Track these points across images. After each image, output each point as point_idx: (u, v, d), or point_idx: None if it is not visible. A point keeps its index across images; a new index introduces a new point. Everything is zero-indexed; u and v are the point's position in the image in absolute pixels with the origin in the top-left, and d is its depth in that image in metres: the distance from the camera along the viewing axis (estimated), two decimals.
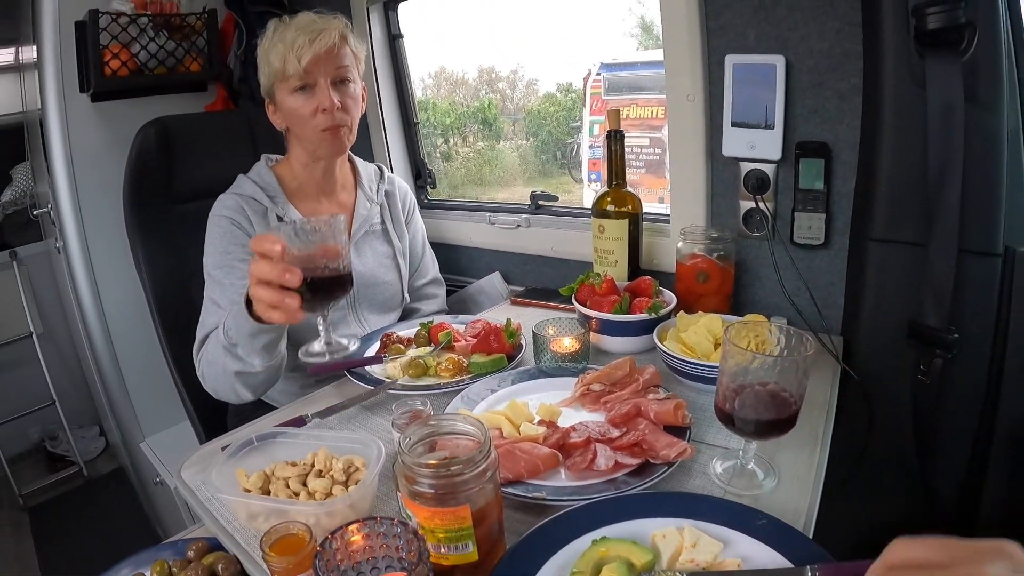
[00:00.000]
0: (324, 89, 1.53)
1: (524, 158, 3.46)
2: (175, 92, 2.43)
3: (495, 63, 3.28)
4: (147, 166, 1.93)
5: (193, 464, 1.14)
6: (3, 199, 4.41)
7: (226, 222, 1.58)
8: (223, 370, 1.36)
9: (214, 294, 1.52)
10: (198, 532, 1.08)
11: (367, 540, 0.73)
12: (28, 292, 3.80)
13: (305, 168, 1.68)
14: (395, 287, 1.81)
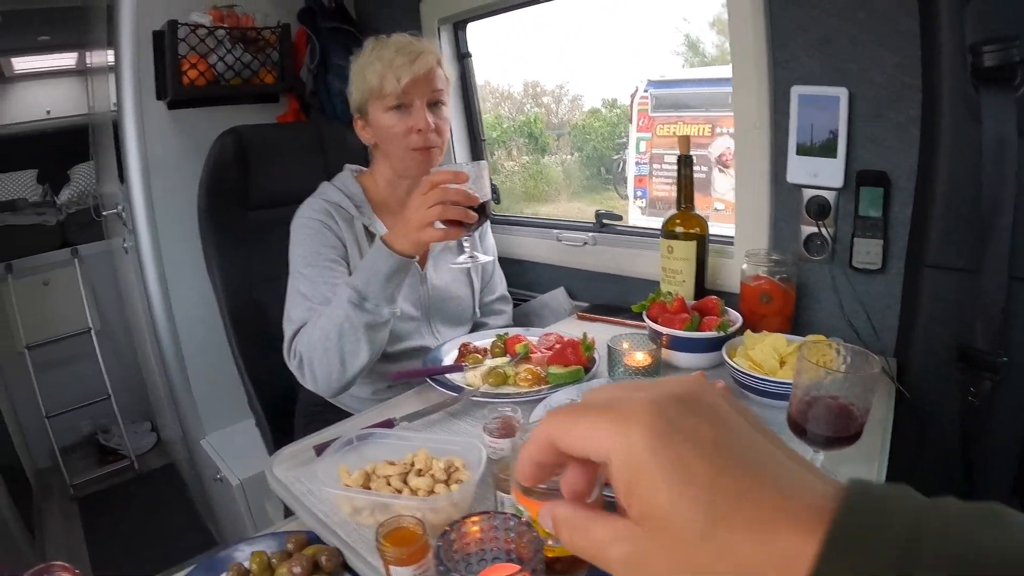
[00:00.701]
0: (420, 110, 1.58)
1: (568, 173, 3.48)
2: (248, 103, 2.51)
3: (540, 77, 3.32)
4: (224, 173, 2.00)
5: (283, 461, 1.19)
6: (61, 199, 4.54)
7: (317, 224, 1.63)
8: (344, 332, 1.42)
9: (303, 289, 1.57)
10: (291, 526, 1.13)
11: (484, 532, 0.79)
12: (88, 289, 3.91)
13: (389, 184, 1.73)
14: (467, 302, 1.86)
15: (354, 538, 0.96)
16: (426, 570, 0.84)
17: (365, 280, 1.41)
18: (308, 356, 1.49)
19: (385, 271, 1.40)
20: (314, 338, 1.47)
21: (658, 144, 3.59)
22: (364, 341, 1.44)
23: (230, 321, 2.00)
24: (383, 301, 1.43)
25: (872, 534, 0.32)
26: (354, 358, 1.45)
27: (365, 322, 1.42)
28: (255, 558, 0.97)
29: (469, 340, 1.63)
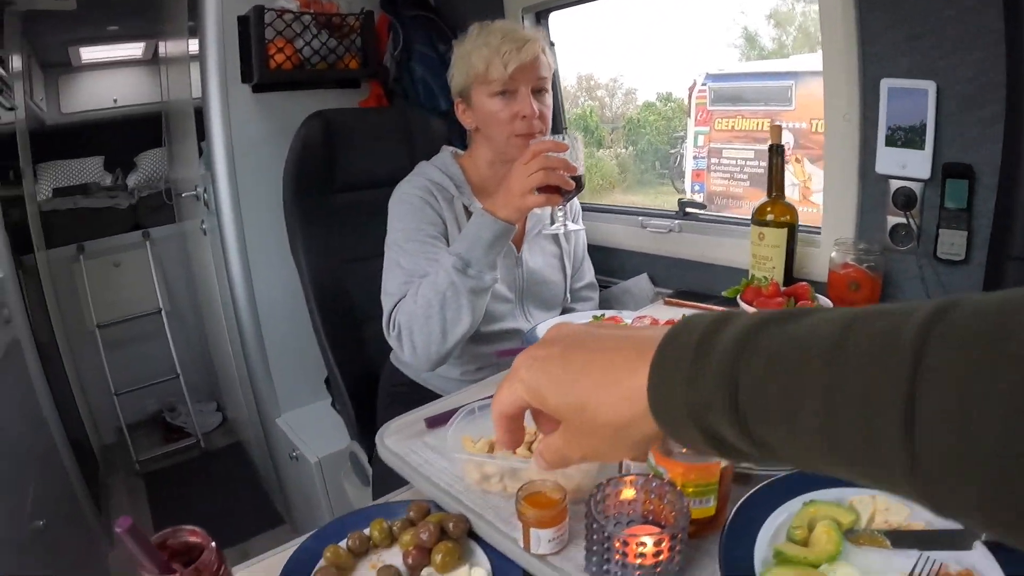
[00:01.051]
0: (526, 97, 1.59)
1: (623, 166, 3.47)
2: (330, 87, 2.54)
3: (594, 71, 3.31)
4: (311, 155, 2.04)
5: (392, 434, 1.21)
6: (130, 184, 4.65)
7: (420, 201, 1.65)
8: (447, 300, 1.46)
9: (403, 262, 1.59)
10: (403, 496, 1.16)
11: (635, 493, 0.81)
12: (159, 271, 4.00)
13: (490, 167, 1.74)
14: (559, 288, 1.87)
15: (480, 506, 0.98)
16: (563, 534, 0.86)
17: (468, 247, 1.45)
18: (408, 326, 1.51)
19: (488, 237, 1.44)
20: (416, 307, 1.49)
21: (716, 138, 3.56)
22: (466, 308, 1.47)
23: (315, 301, 2.03)
24: (485, 267, 1.47)
25: (681, 336, 0.47)
26: (455, 326, 1.48)
27: (469, 287, 1.45)
28: (375, 526, 0.99)
29: (567, 320, 1.65)
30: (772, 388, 0.42)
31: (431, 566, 0.91)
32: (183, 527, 0.77)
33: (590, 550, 0.79)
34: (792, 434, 0.41)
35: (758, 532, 0.84)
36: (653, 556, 0.74)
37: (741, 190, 3.36)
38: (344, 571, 0.94)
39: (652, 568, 0.75)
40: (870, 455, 0.38)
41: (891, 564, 0.78)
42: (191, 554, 0.76)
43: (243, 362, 2.63)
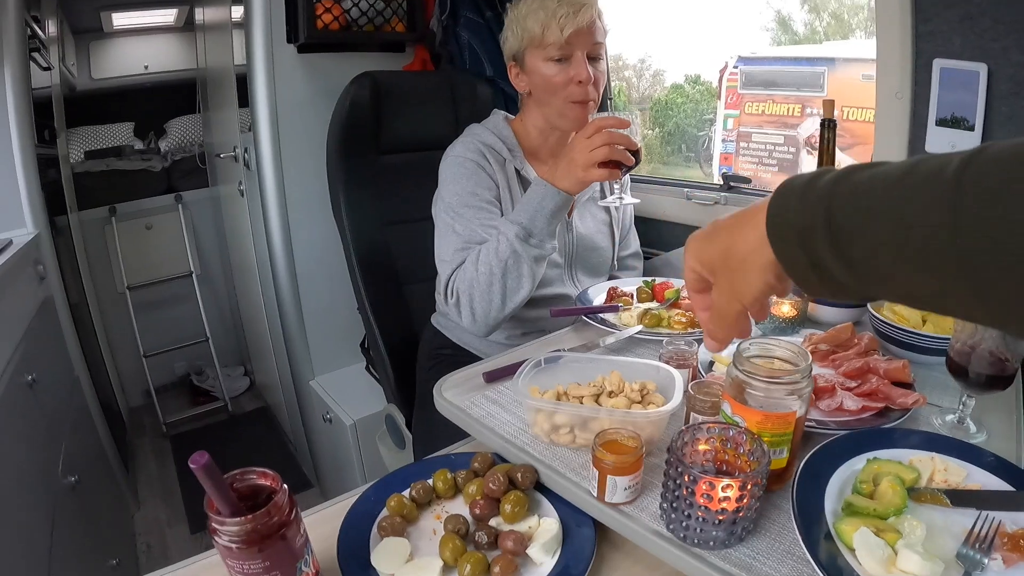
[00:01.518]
0: (581, 62, 1.56)
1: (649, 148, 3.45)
2: (375, 51, 2.54)
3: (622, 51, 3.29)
4: (358, 114, 2.03)
5: (451, 387, 1.20)
6: (162, 149, 4.67)
7: (473, 165, 1.64)
8: (508, 268, 1.47)
9: (459, 229, 1.58)
10: (463, 449, 1.16)
11: (711, 441, 0.81)
12: (190, 234, 4.03)
13: (541, 132, 1.73)
14: (607, 254, 1.86)
15: (548, 456, 0.98)
16: (638, 483, 0.86)
17: (531, 216, 1.46)
18: (468, 293, 1.52)
19: (551, 207, 1.45)
20: (477, 275, 1.49)
21: (746, 122, 3.54)
22: (527, 276, 1.48)
23: (356, 263, 2.04)
24: (547, 236, 1.49)
25: (792, 182, 0.60)
26: (516, 293, 1.49)
27: (532, 256, 1.47)
28: (439, 476, 0.99)
29: (616, 285, 1.65)
30: (859, 208, 0.54)
31: (499, 516, 0.91)
32: (252, 468, 0.77)
33: (671, 496, 0.79)
34: (874, 248, 0.53)
35: (826, 486, 0.85)
36: (736, 501, 0.74)
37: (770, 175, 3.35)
38: (408, 521, 0.94)
39: (734, 514, 0.75)
40: (929, 260, 0.49)
41: (952, 521, 0.80)
42: (256, 499, 0.75)
43: (278, 324, 2.64)
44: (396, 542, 0.88)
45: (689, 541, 0.79)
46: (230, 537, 0.70)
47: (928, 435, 0.98)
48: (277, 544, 0.72)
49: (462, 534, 0.88)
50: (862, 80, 3.07)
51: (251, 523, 0.70)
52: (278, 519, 0.72)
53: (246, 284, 3.25)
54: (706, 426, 0.83)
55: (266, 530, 0.71)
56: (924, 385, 1.17)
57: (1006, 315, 0.47)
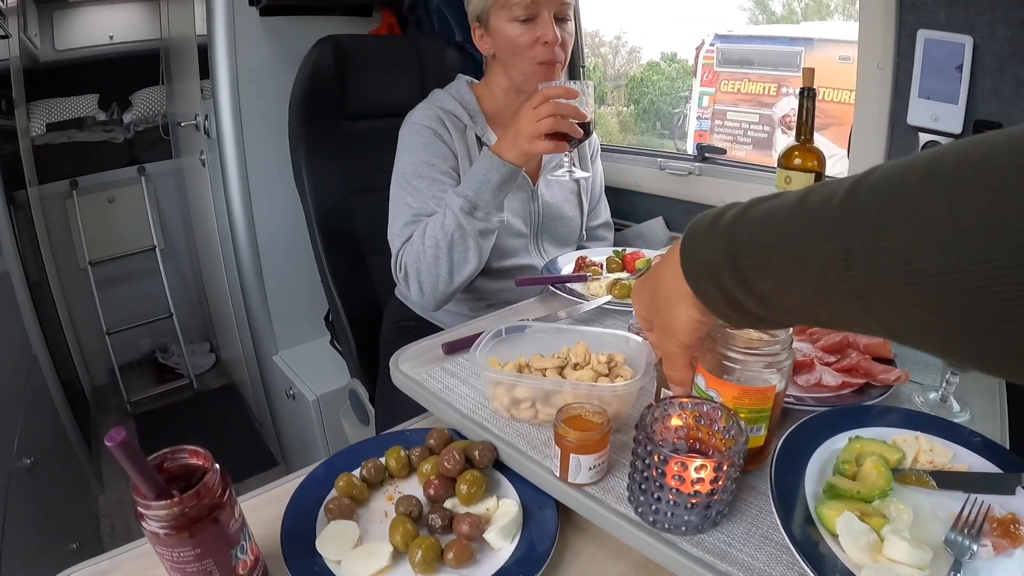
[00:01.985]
0: (548, 22, 1.51)
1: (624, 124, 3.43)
2: (341, 14, 2.45)
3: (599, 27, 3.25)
4: (321, 80, 1.95)
5: (408, 359, 1.14)
6: (126, 120, 4.56)
7: (429, 133, 1.59)
8: (454, 242, 1.43)
9: (411, 201, 1.54)
10: (419, 424, 1.10)
11: (684, 417, 0.75)
12: (154, 207, 3.93)
13: (506, 95, 1.67)
14: (575, 223, 1.82)
15: (508, 433, 0.92)
16: (604, 462, 0.80)
17: (476, 189, 1.42)
18: (416, 268, 1.48)
19: (496, 180, 1.40)
20: (424, 249, 1.45)
21: (721, 100, 3.51)
22: (473, 249, 1.45)
23: (318, 233, 1.97)
24: (493, 209, 1.44)
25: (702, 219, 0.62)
26: (463, 267, 1.46)
27: (477, 230, 1.43)
28: (392, 454, 0.94)
29: (585, 255, 1.60)
30: (759, 244, 0.54)
31: (455, 497, 0.86)
32: (183, 447, 0.71)
33: (638, 477, 0.73)
34: (778, 282, 0.53)
35: (806, 466, 0.81)
36: (710, 483, 0.68)
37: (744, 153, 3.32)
38: (358, 502, 0.89)
39: (708, 497, 0.69)
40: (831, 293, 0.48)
41: (939, 504, 0.77)
42: (188, 480, 0.69)
43: (240, 298, 2.57)
44: (343, 525, 0.82)
45: (659, 526, 0.73)
46: (157, 522, 0.65)
47: (912, 413, 0.94)
48: (209, 529, 0.67)
49: (414, 517, 0.83)
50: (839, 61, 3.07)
51: (178, 506, 0.64)
52: (209, 501, 0.67)
53: (210, 258, 3.17)
54: (678, 401, 0.76)
55: (196, 513, 0.66)
56: (906, 361, 1.13)
57: (923, 347, 0.46)
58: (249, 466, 3.02)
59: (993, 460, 0.83)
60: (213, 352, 4.17)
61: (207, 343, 4.21)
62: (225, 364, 3.99)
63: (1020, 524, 0.72)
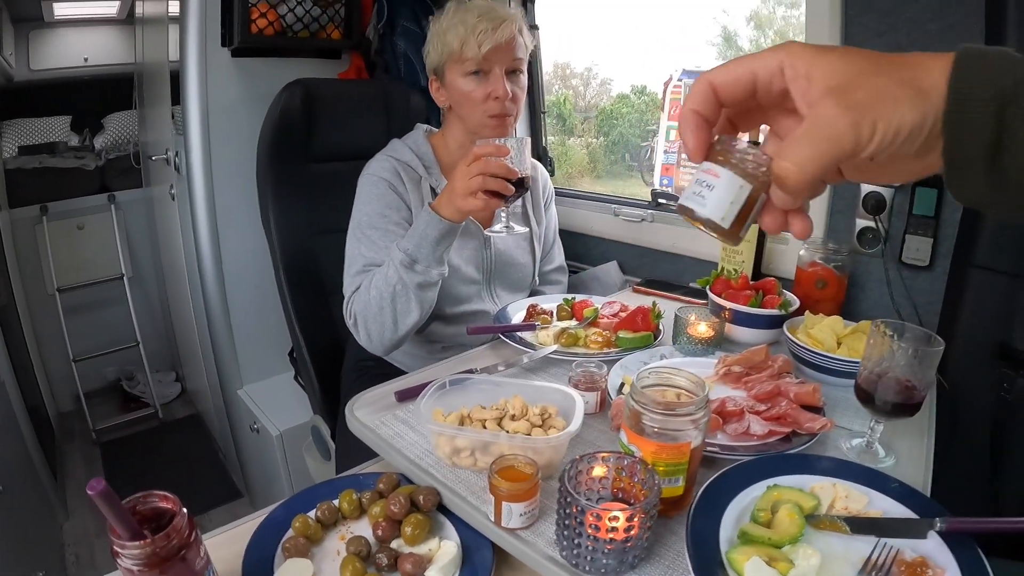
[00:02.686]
0: (499, 78, 1.58)
1: (593, 156, 3.49)
2: (311, 57, 2.51)
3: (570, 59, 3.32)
4: (289, 122, 2.01)
5: (363, 406, 1.20)
6: (97, 146, 4.56)
7: (385, 185, 1.64)
8: (396, 293, 1.48)
9: (364, 251, 1.60)
10: (371, 469, 1.15)
11: (606, 470, 0.82)
12: (123, 236, 3.94)
13: (461, 147, 1.72)
14: (528, 269, 1.87)
15: (451, 479, 0.98)
16: (534, 509, 0.86)
17: (416, 244, 1.45)
18: (363, 316, 1.53)
19: (434, 235, 1.44)
20: (369, 299, 1.51)
21: None
22: (415, 301, 1.49)
23: (283, 272, 2.02)
24: (433, 263, 1.47)
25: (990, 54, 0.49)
26: (406, 317, 1.50)
27: (417, 283, 1.47)
28: (344, 497, 1.00)
29: (536, 302, 1.66)
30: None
31: (401, 538, 0.91)
32: (154, 492, 0.77)
33: (561, 524, 0.79)
34: None
35: (723, 513, 0.86)
36: (624, 531, 0.75)
37: None
38: (313, 542, 0.94)
39: (623, 543, 0.75)
40: None
41: (850, 548, 0.82)
42: (159, 521, 0.75)
43: (206, 331, 2.60)
44: (298, 563, 0.88)
45: (581, 568, 0.79)
46: (131, 560, 0.70)
47: (833, 461, 1.00)
48: (178, 566, 0.73)
49: (363, 556, 0.89)
50: None
51: (151, 546, 0.70)
52: (177, 541, 0.73)
53: (177, 289, 3.19)
54: (600, 455, 0.83)
55: (166, 553, 0.72)
56: (836, 408, 1.20)
57: None
58: (213, 498, 3.02)
59: (909, 505, 0.89)
60: (179, 382, 4.16)
61: (173, 372, 4.20)
62: (191, 394, 3.98)
63: (929, 568, 0.77)
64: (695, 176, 0.62)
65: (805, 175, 0.52)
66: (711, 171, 0.60)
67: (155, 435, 3.76)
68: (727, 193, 0.59)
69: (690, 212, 0.62)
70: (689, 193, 0.62)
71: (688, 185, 0.63)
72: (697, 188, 0.61)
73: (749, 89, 0.57)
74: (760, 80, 0.56)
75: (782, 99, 0.57)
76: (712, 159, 0.60)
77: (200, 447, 3.52)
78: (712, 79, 0.58)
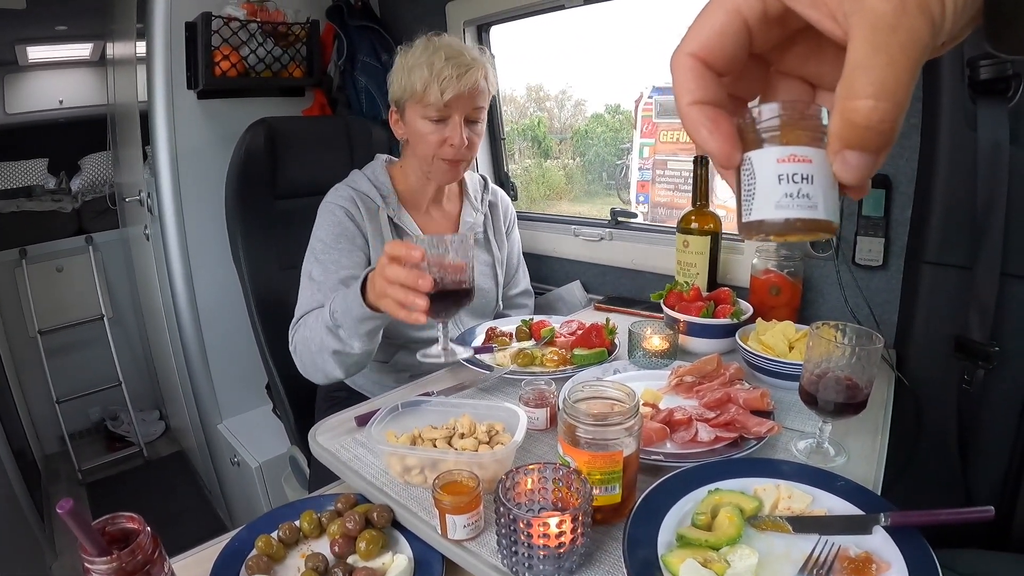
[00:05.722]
0: (457, 126, 1.60)
1: (570, 177, 3.53)
2: (275, 95, 2.57)
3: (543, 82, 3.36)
4: (254, 161, 2.06)
5: (325, 432, 1.25)
6: (73, 188, 4.60)
7: (341, 212, 1.67)
8: (319, 347, 1.46)
9: (314, 272, 1.62)
10: (334, 490, 1.20)
11: (536, 482, 0.87)
12: (102, 277, 3.97)
13: (418, 180, 1.76)
14: (491, 295, 1.89)
15: (404, 496, 1.03)
16: (478, 520, 0.91)
17: (343, 310, 1.40)
18: (299, 353, 1.57)
19: (357, 314, 1.36)
20: (303, 339, 1.54)
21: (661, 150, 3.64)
22: (335, 363, 1.47)
23: (255, 306, 2.05)
24: (355, 338, 1.41)
25: None
26: (332, 371, 1.50)
27: (333, 349, 1.44)
28: (305, 517, 1.04)
29: (496, 325, 1.70)
30: None
31: (356, 554, 0.96)
32: (121, 514, 0.80)
33: (500, 534, 0.84)
34: None
35: (663, 519, 0.89)
36: (556, 537, 0.79)
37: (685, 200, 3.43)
38: (275, 560, 0.98)
39: (556, 549, 0.80)
40: None
41: (793, 547, 0.84)
42: (128, 541, 0.78)
43: (184, 368, 2.64)
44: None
45: (520, 575, 0.83)
46: (100, 575, 0.74)
47: (777, 463, 1.03)
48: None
49: (320, 571, 0.93)
50: None
51: (116, 561, 0.74)
52: (142, 557, 0.76)
53: (156, 327, 3.22)
54: (536, 466, 0.88)
55: (132, 567, 0.75)
56: (789, 412, 1.24)
57: None
58: (199, 533, 3.01)
59: (855, 502, 0.91)
60: (163, 420, 4.19)
61: (157, 411, 4.23)
62: (175, 432, 4.01)
63: (874, 563, 0.79)
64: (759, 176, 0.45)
65: (898, 101, 0.38)
66: (794, 156, 0.44)
67: (140, 473, 3.79)
68: (827, 177, 0.44)
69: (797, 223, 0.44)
70: (774, 200, 0.44)
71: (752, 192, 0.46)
72: (787, 188, 0.44)
73: (743, 38, 0.44)
74: (751, 18, 0.43)
75: (786, 35, 0.46)
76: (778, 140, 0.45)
77: (185, 483, 3.55)
78: (692, 50, 0.44)
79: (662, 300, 1.64)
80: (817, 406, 1.07)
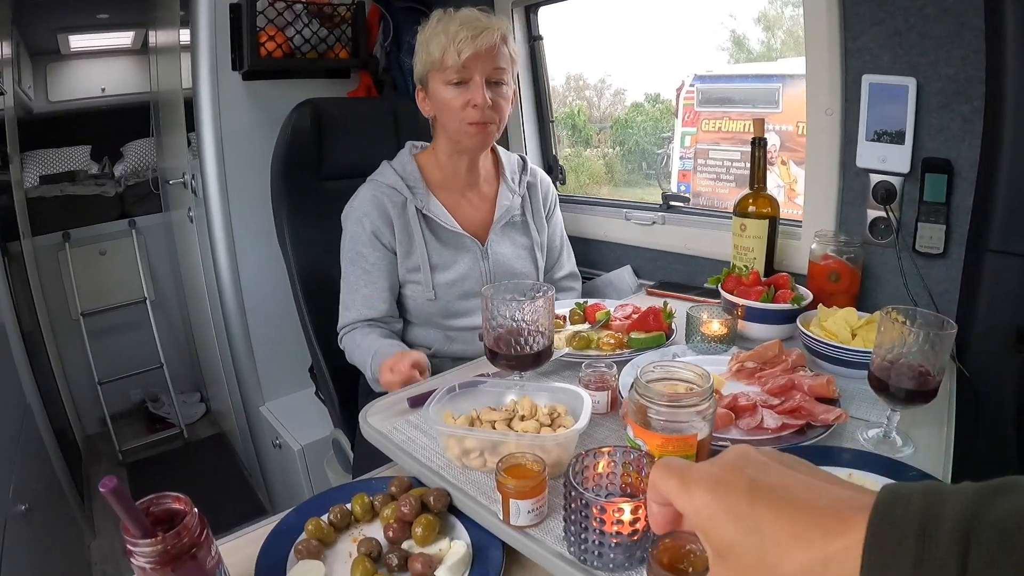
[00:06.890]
0: (479, 85, 1.58)
1: (609, 166, 3.49)
2: (320, 77, 2.56)
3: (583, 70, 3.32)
4: (300, 142, 2.04)
5: (376, 413, 1.23)
6: (117, 173, 4.64)
7: (357, 226, 1.69)
8: (360, 365, 1.65)
9: (351, 277, 1.74)
10: (386, 472, 1.17)
11: (608, 466, 0.83)
12: (144, 260, 4.01)
13: (450, 159, 1.74)
14: (530, 279, 1.85)
15: (462, 480, 1.00)
16: (542, 506, 0.88)
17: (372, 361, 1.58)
18: (348, 350, 1.73)
19: (371, 376, 1.61)
20: (351, 345, 1.71)
21: (703, 139, 3.59)
22: None
23: (300, 289, 2.04)
24: (376, 383, 1.59)
25: (896, 510, 0.40)
26: None
27: (367, 376, 1.64)
28: (357, 500, 1.01)
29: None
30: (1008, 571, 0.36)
31: (411, 539, 0.93)
32: (167, 494, 0.78)
33: (568, 520, 0.80)
34: None
35: None
36: (630, 524, 0.76)
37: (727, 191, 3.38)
38: (326, 544, 0.95)
39: (629, 536, 0.76)
40: None
41: None
42: (173, 523, 0.76)
43: (227, 350, 2.64)
44: (309, 564, 0.89)
45: (589, 563, 0.80)
46: (144, 558, 0.72)
47: (849, 451, 0.99)
48: (188, 564, 0.74)
49: (374, 557, 0.90)
50: None
51: (162, 544, 0.72)
52: (188, 540, 0.74)
53: (198, 310, 3.25)
54: (606, 449, 0.84)
55: (177, 551, 0.73)
56: (853, 400, 1.20)
57: None
58: (238, 516, 3.04)
59: None
60: (203, 402, 4.22)
61: (197, 393, 4.26)
62: (215, 414, 4.03)
63: None
64: None
65: None
66: None
67: (181, 455, 3.82)
68: None
69: None
70: None
71: None
72: None
73: None
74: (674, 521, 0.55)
75: None
76: None
77: (225, 466, 3.57)
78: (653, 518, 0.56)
79: (719, 285, 1.59)
80: (888, 393, 1.03)
